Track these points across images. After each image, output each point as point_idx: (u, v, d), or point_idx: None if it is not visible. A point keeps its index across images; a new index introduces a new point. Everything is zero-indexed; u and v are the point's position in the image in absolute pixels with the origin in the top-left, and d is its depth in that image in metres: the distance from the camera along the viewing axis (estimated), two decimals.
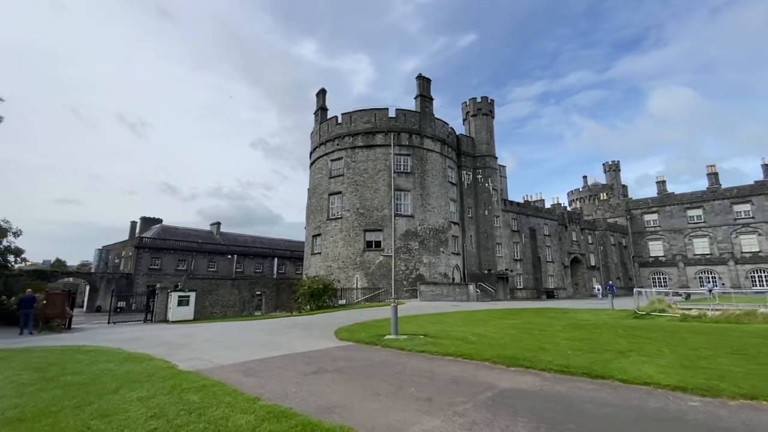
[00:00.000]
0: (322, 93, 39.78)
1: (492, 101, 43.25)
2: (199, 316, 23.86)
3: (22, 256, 20.74)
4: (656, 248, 64.50)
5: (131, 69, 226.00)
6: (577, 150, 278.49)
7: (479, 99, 42.92)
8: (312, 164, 38.72)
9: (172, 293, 23.06)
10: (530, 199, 54.61)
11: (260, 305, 29.11)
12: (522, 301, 34.07)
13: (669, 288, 44.43)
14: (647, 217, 65.98)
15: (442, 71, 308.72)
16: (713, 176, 61.66)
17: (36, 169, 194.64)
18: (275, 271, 55.75)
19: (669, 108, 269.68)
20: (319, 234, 34.83)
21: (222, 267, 51.70)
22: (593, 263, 57.58)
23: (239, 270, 52.59)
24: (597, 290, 45.79)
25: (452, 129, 39.32)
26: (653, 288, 36.10)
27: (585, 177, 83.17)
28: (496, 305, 24.55)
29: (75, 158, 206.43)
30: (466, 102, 44.05)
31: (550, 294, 45.75)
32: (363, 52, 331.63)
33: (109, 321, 21.40)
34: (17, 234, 20.28)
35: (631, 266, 64.10)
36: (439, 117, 37.18)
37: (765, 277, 54.09)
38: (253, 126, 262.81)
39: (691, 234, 61.45)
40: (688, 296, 35.33)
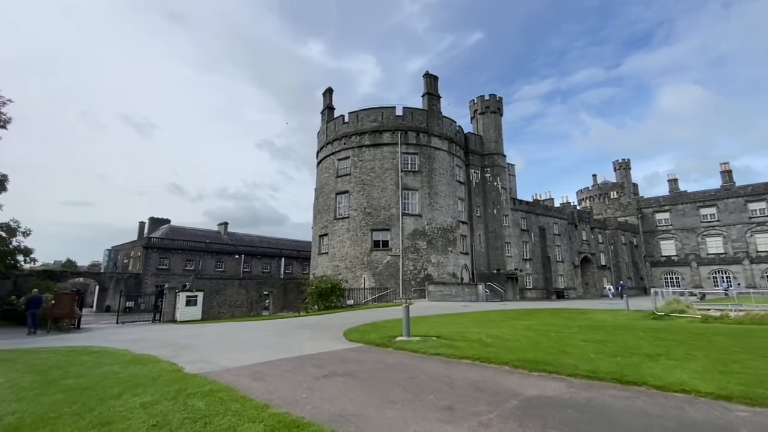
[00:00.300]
0: (329, 92, 39.58)
1: (500, 99, 42.69)
2: (207, 316, 23.77)
3: (32, 256, 20.79)
4: (668, 247, 63.35)
5: (139, 71, 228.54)
6: (585, 149, 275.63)
7: (487, 96, 42.40)
8: (319, 164, 38.53)
9: (180, 293, 22.99)
10: (539, 198, 53.86)
11: (268, 305, 28.98)
12: (532, 302, 33.54)
13: (683, 288, 43.56)
14: (659, 216, 64.83)
15: (449, 70, 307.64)
16: (727, 174, 60.36)
17: (48, 172, 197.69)
18: (282, 271, 55.73)
19: (679, 105, 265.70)
20: (326, 234, 34.62)
21: (229, 267, 51.79)
22: (604, 263, 56.68)
23: (247, 270, 52.64)
24: (608, 290, 45.08)
25: (460, 127, 38.87)
26: (668, 288, 35.29)
27: (595, 175, 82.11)
28: (507, 306, 24.10)
29: (85, 160, 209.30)
30: (474, 100, 43.55)
31: (560, 294, 45.06)
32: (369, 52, 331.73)
33: (118, 321, 21.39)
34: (26, 233, 20.33)
35: (643, 266, 63.01)
36: (447, 115, 36.76)
37: None
38: (260, 127, 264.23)
39: (705, 233, 60.25)
40: (703, 296, 34.49)
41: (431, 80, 36.42)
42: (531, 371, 5.75)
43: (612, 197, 70.80)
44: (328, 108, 38.60)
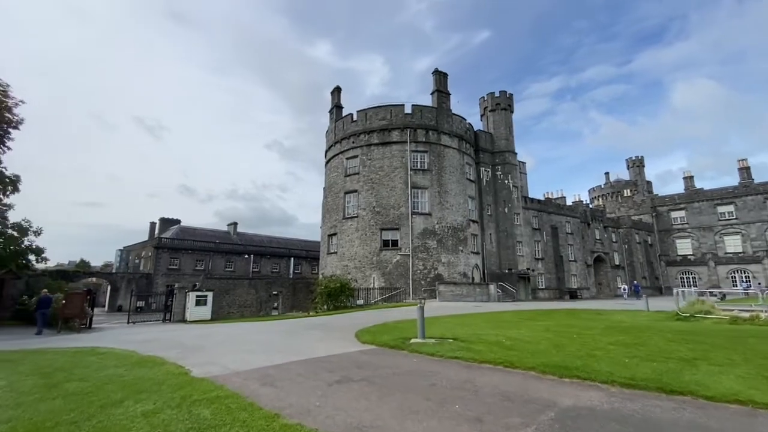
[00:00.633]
0: (337, 91, 39.30)
1: (511, 95, 41.99)
2: (217, 316, 23.65)
3: (43, 256, 20.83)
4: (684, 246, 61.75)
5: (150, 74, 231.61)
6: (596, 147, 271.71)
7: (497, 93, 41.74)
8: (327, 163, 38.27)
9: (190, 293, 22.89)
10: (551, 196, 52.94)
11: (277, 305, 28.80)
12: (545, 302, 32.82)
13: (700, 288, 42.35)
14: (674, 214, 63.26)
15: (457, 69, 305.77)
16: (745, 171, 58.61)
17: (62, 174, 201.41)
18: (291, 271, 55.69)
19: (692, 102, 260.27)
20: (335, 233, 34.34)
21: (239, 267, 51.88)
22: (617, 262, 55.49)
23: (256, 270, 52.68)
24: (623, 290, 44.09)
25: (470, 125, 38.27)
26: (685, 288, 34.28)
27: (607, 173, 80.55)
28: (520, 306, 23.52)
29: (98, 162, 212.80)
30: (484, 97, 42.91)
31: (573, 294, 44.16)
32: (377, 52, 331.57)
33: (129, 321, 21.35)
34: (38, 233, 20.37)
35: (658, 265, 61.54)
36: (456, 113, 36.21)
37: None
38: (269, 128, 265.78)
39: (722, 231, 58.58)
40: (724, 297, 33.40)
41: (440, 77, 35.90)
42: (562, 377, 5.31)
43: (625, 195, 69.34)
44: (337, 107, 38.32)
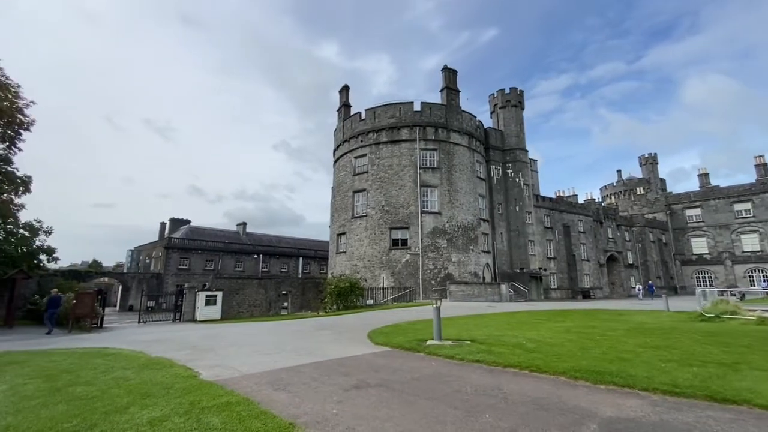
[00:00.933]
0: (345, 89, 39.05)
1: (521, 92, 41.35)
2: (226, 316, 23.55)
3: (54, 256, 20.90)
4: (700, 245, 60.34)
5: (159, 76, 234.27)
6: (606, 145, 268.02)
7: (507, 90, 41.13)
8: (336, 162, 38.05)
9: (200, 293, 22.82)
10: (563, 194, 52.08)
11: (286, 305, 28.63)
12: (558, 302, 32.15)
13: (717, 287, 41.25)
14: (689, 212, 61.84)
15: (464, 68, 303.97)
16: (762, 167, 57.02)
17: (76, 176, 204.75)
18: (300, 271, 55.63)
19: (705, 98, 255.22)
20: (344, 232, 34.09)
21: (248, 267, 51.95)
22: (631, 261, 54.40)
23: (265, 270, 52.70)
24: (637, 290, 43.12)
25: (480, 122, 37.74)
26: (706, 287, 33.28)
27: (619, 171, 79.05)
28: (534, 306, 22.99)
29: (110, 164, 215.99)
30: (494, 94, 42.32)
31: (586, 294, 43.30)
32: (384, 52, 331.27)
33: (139, 320, 21.32)
34: (48, 233, 20.45)
35: (672, 264, 60.20)
36: (466, 110, 35.70)
37: None
38: (276, 129, 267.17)
39: (739, 230, 57.10)
40: (743, 296, 32.41)
41: (450, 74, 35.43)
42: (596, 384, 4.91)
43: (638, 193, 68.00)
44: (345, 105, 38.08)
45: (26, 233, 19.94)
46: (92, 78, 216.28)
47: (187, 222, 54.90)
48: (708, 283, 55.68)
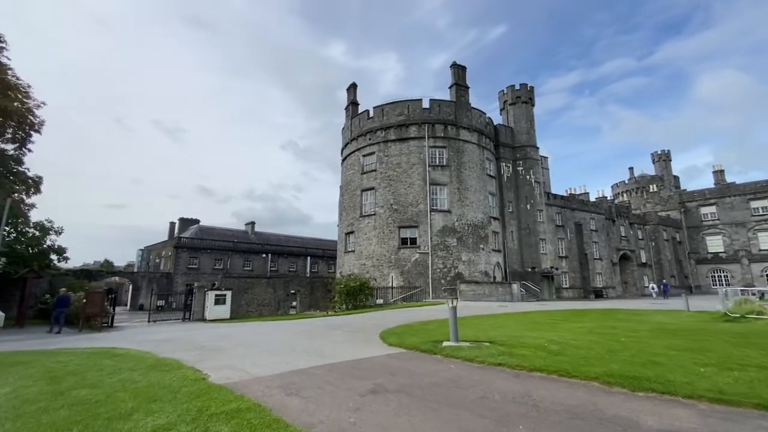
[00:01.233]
0: (353, 87, 38.75)
1: (531, 88, 40.66)
2: (236, 315, 23.44)
3: (65, 255, 20.98)
4: (715, 243, 58.95)
5: (167, 77, 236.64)
6: (616, 142, 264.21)
7: (518, 86, 40.47)
8: (343, 161, 37.80)
9: (209, 292, 22.74)
10: (574, 192, 51.23)
11: (295, 304, 28.49)
12: (571, 302, 31.51)
13: (733, 286, 40.13)
14: (704, 210, 60.44)
15: (473, 66, 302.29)
16: None
17: (86, 177, 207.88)
18: (308, 270, 55.59)
19: (718, 94, 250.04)
20: (353, 231, 33.84)
21: (257, 266, 52.03)
22: (644, 260, 53.30)
23: (274, 269, 52.74)
24: (651, 289, 42.20)
25: (490, 119, 37.19)
26: (722, 286, 32.38)
27: (631, 168, 77.70)
28: (547, 306, 22.50)
29: (121, 165, 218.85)
30: (504, 90, 41.69)
31: (599, 293, 42.50)
32: (391, 50, 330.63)
33: (150, 319, 21.31)
34: (59, 232, 20.52)
35: (687, 263, 58.88)
36: (476, 107, 35.18)
37: None
38: (284, 129, 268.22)
39: (756, 227, 55.62)
40: (763, 295, 31.45)
41: (459, 70, 34.93)
42: (634, 390, 4.53)
43: (651, 191, 66.71)
44: (353, 103, 37.78)
45: (37, 233, 20.02)
46: (101, 80, 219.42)
47: (197, 222, 55.16)
48: (724, 282, 54.41)
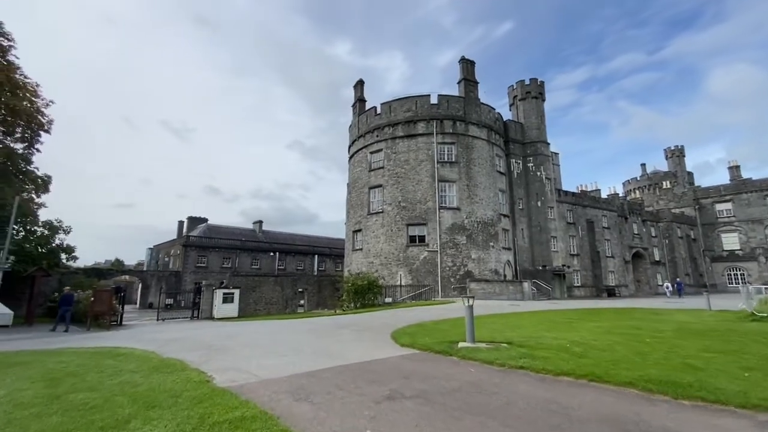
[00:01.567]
0: (360, 84, 38.38)
1: (542, 83, 39.92)
2: (244, 313, 23.30)
3: (73, 254, 20.98)
4: (731, 241, 57.52)
5: (174, 77, 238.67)
6: (626, 138, 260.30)
7: (527, 81, 39.74)
8: (351, 158, 37.48)
9: (217, 290, 22.61)
10: (586, 189, 50.29)
11: (303, 302, 28.28)
12: (583, 300, 30.80)
13: (750, 284, 39.04)
14: (719, 207, 59.02)
15: (480, 63, 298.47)
16: None
17: (96, 177, 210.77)
18: (316, 268, 55.47)
19: (731, 88, 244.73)
20: (360, 229, 33.52)
21: (265, 264, 52.03)
22: (657, 258, 52.18)
23: (281, 267, 52.71)
24: (665, 287, 41.24)
25: (499, 114, 36.56)
26: (738, 284, 31.47)
27: (643, 165, 76.16)
28: (559, 305, 21.92)
29: (130, 165, 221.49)
30: (513, 86, 40.99)
31: (611, 292, 41.67)
32: (397, 48, 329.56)
33: (158, 317, 21.27)
34: (67, 231, 20.52)
35: (702, 261, 57.54)
36: (485, 102, 34.56)
37: None
38: (290, 128, 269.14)
39: None
40: None
41: (467, 65, 34.35)
42: (677, 398, 4.10)
43: (664, 187, 65.27)
44: (360, 100, 37.41)
45: (46, 231, 20.03)
46: (110, 79, 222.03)
47: (205, 220, 55.31)
48: (740, 281, 53.10)
